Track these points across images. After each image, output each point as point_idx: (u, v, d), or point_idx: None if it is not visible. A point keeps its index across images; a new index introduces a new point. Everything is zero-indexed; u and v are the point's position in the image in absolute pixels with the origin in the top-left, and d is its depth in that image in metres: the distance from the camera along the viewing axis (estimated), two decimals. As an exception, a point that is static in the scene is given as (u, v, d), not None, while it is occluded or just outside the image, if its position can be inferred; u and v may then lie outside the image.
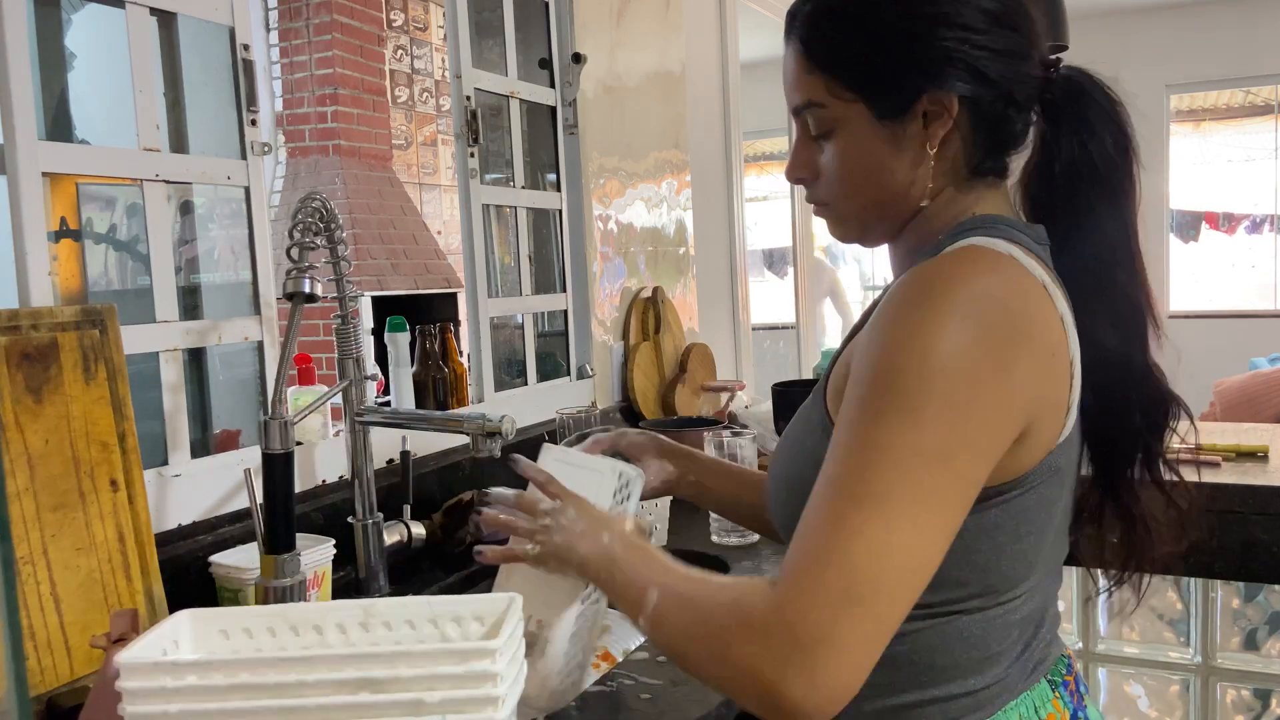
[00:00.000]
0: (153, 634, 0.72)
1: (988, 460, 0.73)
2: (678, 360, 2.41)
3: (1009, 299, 0.74)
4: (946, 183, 0.84)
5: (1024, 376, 0.73)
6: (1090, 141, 0.84)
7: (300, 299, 1.17)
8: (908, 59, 0.80)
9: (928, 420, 0.69)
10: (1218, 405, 4.11)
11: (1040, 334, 0.75)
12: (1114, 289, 0.83)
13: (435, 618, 0.79)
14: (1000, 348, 0.72)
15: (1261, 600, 1.82)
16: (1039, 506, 0.79)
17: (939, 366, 0.70)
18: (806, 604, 0.67)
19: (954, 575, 0.76)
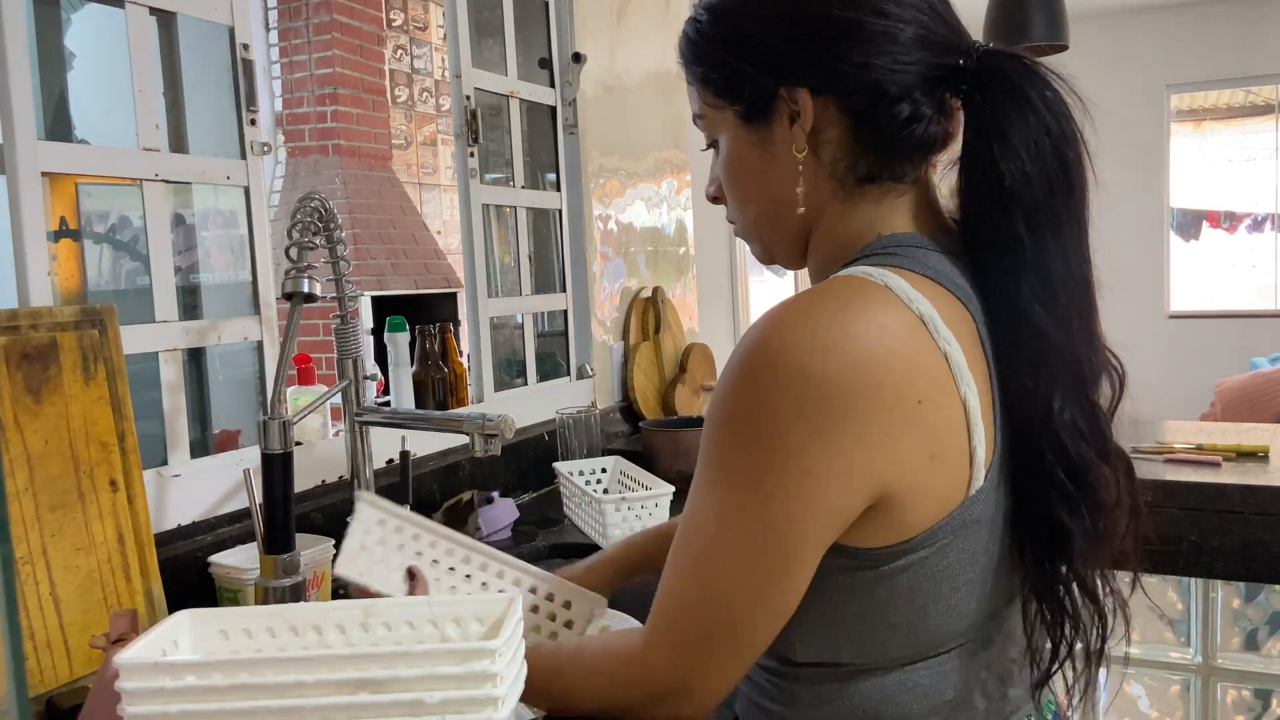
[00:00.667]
0: (152, 634, 0.72)
1: (796, 532, 0.68)
2: (678, 360, 2.41)
3: (852, 343, 0.66)
4: (831, 191, 0.78)
5: (861, 434, 0.66)
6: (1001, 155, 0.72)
7: (299, 299, 1.17)
8: (755, 56, 0.77)
9: (726, 491, 0.69)
10: (1218, 405, 4.11)
11: (896, 382, 0.67)
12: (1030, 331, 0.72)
13: (435, 618, 0.79)
14: (823, 408, 0.66)
15: (1261, 600, 1.82)
16: (962, 562, 0.72)
17: (740, 434, 0.68)
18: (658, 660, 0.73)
19: (876, 637, 0.73)
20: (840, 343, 0.67)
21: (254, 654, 0.75)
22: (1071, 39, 2.72)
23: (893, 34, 0.74)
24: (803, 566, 0.70)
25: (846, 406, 0.66)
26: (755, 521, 0.68)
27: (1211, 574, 1.71)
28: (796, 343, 0.67)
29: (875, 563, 0.71)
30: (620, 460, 1.79)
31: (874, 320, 0.68)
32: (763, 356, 0.68)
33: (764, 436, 0.67)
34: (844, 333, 0.67)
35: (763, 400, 0.67)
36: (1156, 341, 5.86)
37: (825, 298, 0.70)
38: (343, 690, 0.67)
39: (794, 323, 0.68)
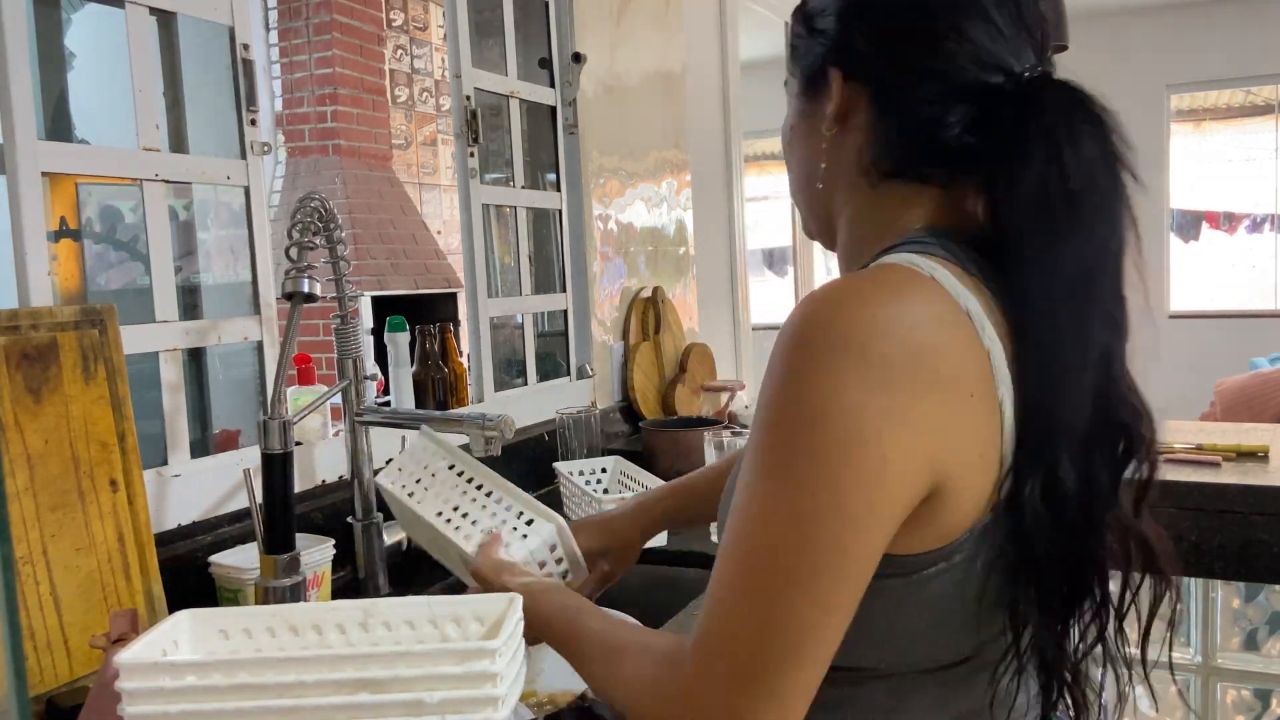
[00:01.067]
0: (152, 634, 0.72)
1: (872, 524, 0.64)
2: (678, 360, 2.41)
3: (911, 330, 0.64)
4: (858, 178, 0.78)
5: (925, 423, 0.64)
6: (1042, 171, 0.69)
7: (299, 299, 1.17)
8: (816, 30, 0.80)
9: (796, 485, 0.63)
10: (1218, 405, 4.11)
11: (952, 371, 0.65)
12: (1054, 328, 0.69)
13: (435, 618, 0.79)
14: (889, 391, 0.62)
15: (1261, 600, 1.82)
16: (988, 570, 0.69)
17: (809, 420, 0.63)
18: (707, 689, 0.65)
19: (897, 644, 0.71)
20: (899, 328, 0.64)
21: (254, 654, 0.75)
22: (1071, 39, 2.72)
23: (935, 37, 0.73)
24: (864, 566, 0.64)
25: (911, 390, 0.63)
26: (822, 508, 0.63)
27: (1211, 574, 1.71)
28: (855, 323, 0.64)
29: (909, 570, 0.68)
30: (620, 460, 1.79)
31: (929, 309, 0.66)
32: (822, 333, 0.64)
33: (831, 417, 0.62)
34: (901, 319, 0.64)
35: (826, 379, 0.63)
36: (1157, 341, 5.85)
37: (877, 283, 0.67)
38: (343, 690, 0.67)
39: (850, 304, 0.65)
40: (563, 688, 1.13)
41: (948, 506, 0.66)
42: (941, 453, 0.65)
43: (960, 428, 0.66)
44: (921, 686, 0.74)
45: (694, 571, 1.52)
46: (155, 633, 0.72)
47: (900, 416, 0.63)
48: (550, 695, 1.15)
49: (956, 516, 0.67)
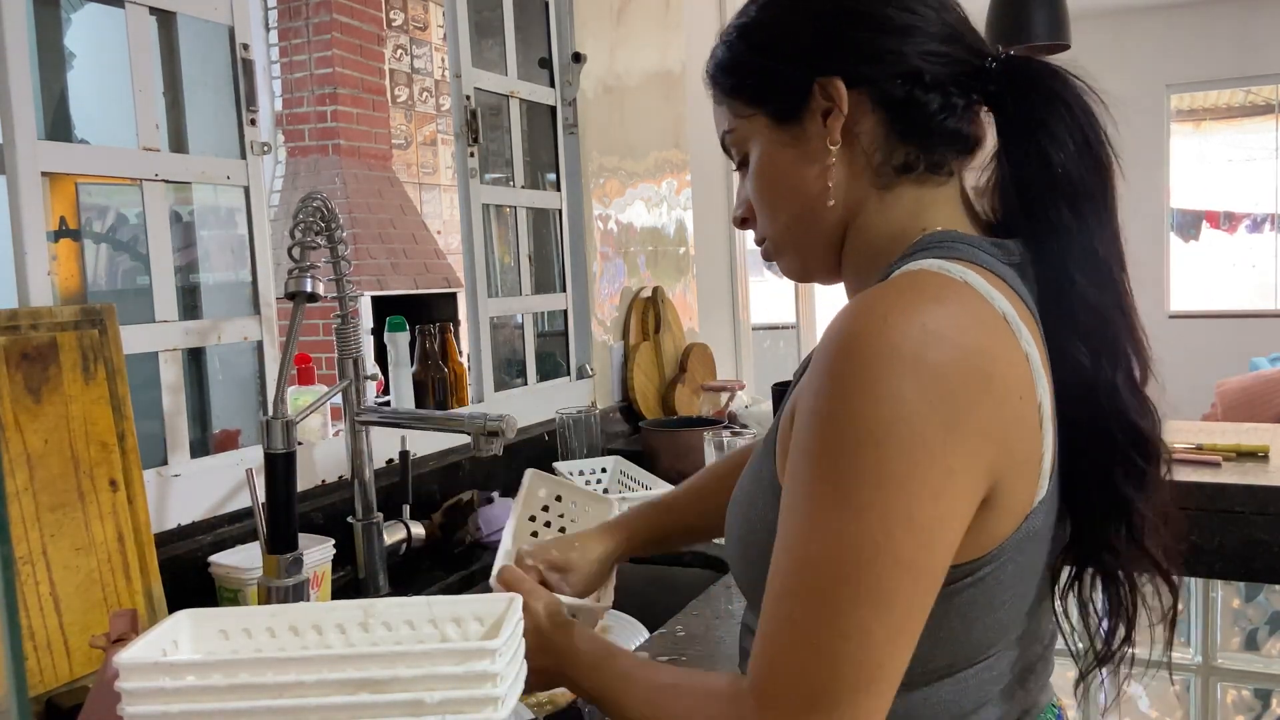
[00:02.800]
0: (152, 634, 0.72)
1: (944, 537, 0.63)
2: (678, 360, 2.41)
3: (960, 335, 0.63)
4: (868, 184, 0.77)
5: (984, 429, 0.63)
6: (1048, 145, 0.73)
7: (302, 298, 1.17)
8: (787, 55, 0.78)
9: (864, 505, 0.61)
10: (1219, 406, 4.11)
11: (1003, 374, 0.64)
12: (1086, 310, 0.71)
13: (435, 618, 0.79)
14: (950, 400, 0.61)
15: (1261, 600, 1.82)
16: (1017, 577, 0.70)
17: (871, 436, 0.61)
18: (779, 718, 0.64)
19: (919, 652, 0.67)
20: (949, 335, 0.63)
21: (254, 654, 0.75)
22: (1072, 39, 2.72)
23: (921, 27, 0.75)
24: (934, 580, 0.63)
25: (969, 398, 0.62)
26: (898, 530, 0.60)
27: (1211, 574, 1.71)
28: (906, 334, 0.62)
29: (950, 581, 0.66)
30: (620, 460, 1.79)
31: (972, 315, 0.65)
32: (872, 349, 0.62)
33: (895, 434, 0.60)
34: (950, 325, 0.63)
35: (884, 395, 0.61)
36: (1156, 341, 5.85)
37: (916, 291, 0.66)
38: (343, 690, 0.67)
39: (897, 314, 0.63)
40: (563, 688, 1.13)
41: (995, 513, 0.66)
42: (999, 457, 0.64)
43: (1013, 430, 0.65)
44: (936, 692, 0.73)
45: (694, 572, 1.52)
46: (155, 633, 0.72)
47: (961, 425, 0.62)
48: (550, 695, 1.15)
49: (1003, 521, 0.67)
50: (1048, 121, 0.73)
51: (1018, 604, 0.72)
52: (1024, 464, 0.66)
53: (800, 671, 0.62)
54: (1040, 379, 0.67)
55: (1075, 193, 0.73)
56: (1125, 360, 0.72)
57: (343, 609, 0.79)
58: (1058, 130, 0.73)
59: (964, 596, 0.68)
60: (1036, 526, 0.69)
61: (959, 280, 0.67)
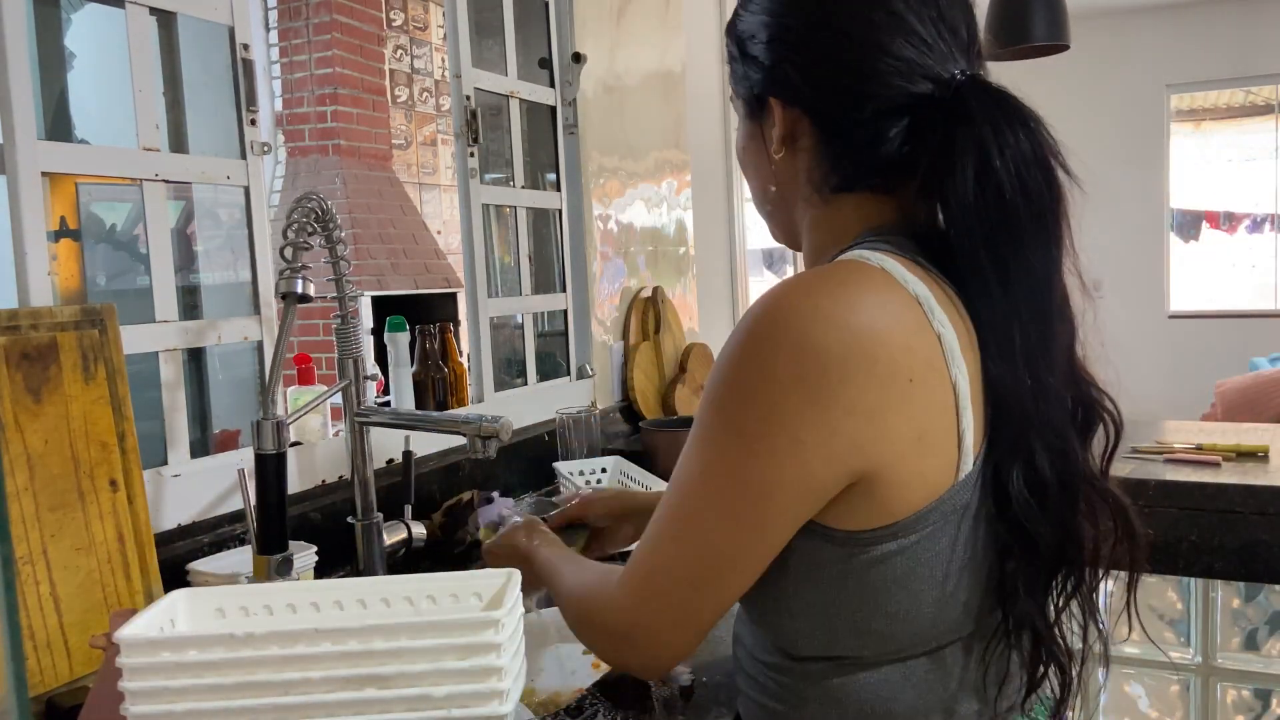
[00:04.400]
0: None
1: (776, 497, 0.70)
2: (678, 360, 2.41)
3: (851, 317, 0.68)
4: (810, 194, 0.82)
5: (851, 406, 0.67)
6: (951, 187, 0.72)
7: (293, 299, 1.17)
8: (751, 59, 0.83)
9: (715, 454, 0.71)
10: (1218, 406, 4.11)
11: (891, 356, 0.68)
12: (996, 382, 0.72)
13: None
14: (818, 376, 0.67)
15: (1261, 600, 1.82)
16: (956, 550, 0.72)
17: (738, 396, 0.70)
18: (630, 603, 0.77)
19: (875, 627, 0.73)
20: (839, 316, 0.68)
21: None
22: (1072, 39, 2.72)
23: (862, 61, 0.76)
24: (775, 535, 0.72)
25: (841, 377, 0.67)
26: (738, 483, 0.70)
27: (1211, 574, 1.71)
28: (797, 314, 0.69)
29: (866, 546, 0.71)
30: (621, 460, 1.79)
31: (873, 297, 0.70)
32: (764, 325, 0.70)
33: (759, 401, 0.69)
34: (844, 307, 0.69)
35: (761, 366, 0.69)
36: (1156, 341, 5.86)
37: (825, 276, 0.72)
38: (349, 686, 0.67)
39: (795, 296, 0.70)
40: (563, 687, 1.13)
41: (886, 485, 0.70)
42: (869, 436, 0.68)
43: (893, 412, 0.69)
44: (915, 671, 0.75)
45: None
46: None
47: (821, 401, 0.68)
48: (550, 695, 1.15)
49: (902, 494, 0.70)
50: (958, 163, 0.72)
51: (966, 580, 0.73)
52: (915, 442, 0.70)
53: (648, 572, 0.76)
54: (956, 359, 0.71)
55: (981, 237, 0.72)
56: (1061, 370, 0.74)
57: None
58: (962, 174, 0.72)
59: (897, 565, 0.71)
60: (965, 500, 0.72)
61: (875, 266, 0.72)
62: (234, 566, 1.15)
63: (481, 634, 0.68)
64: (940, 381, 0.70)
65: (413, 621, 0.69)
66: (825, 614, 0.74)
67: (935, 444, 0.70)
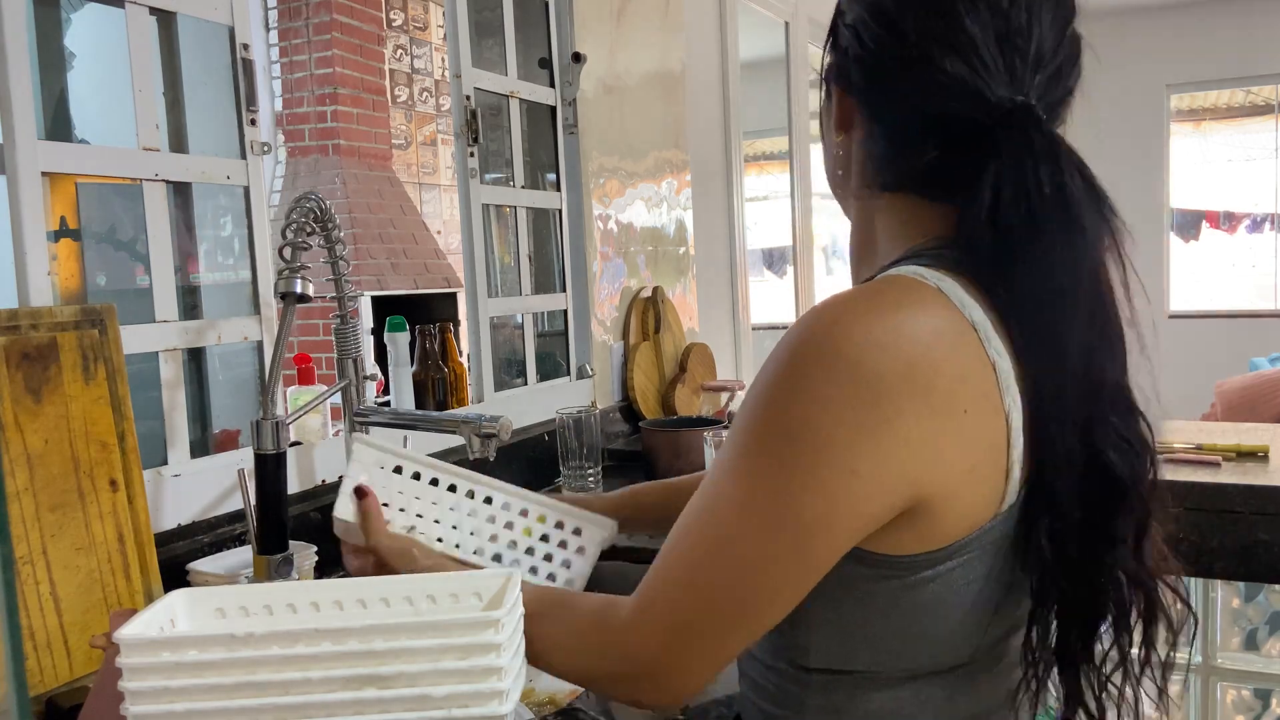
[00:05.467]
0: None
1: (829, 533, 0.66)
2: (678, 360, 2.41)
3: (907, 345, 0.65)
4: (864, 185, 0.80)
5: (905, 437, 0.65)
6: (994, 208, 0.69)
7: (292, 299, 1.17)
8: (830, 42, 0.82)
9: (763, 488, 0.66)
10: (1218, 406, 4.12)
11: (946, 387, 0.65)
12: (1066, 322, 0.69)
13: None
14: (872, 407, 0.64)
15: (1261, 600, 1.82)
16: (988, 577, 0.70)
17: (788, 429, 0.65)
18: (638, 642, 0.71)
19: (893, 647, 0.72)
20: (895, 343, 0.65)
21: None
22: (1071, 39, 2.72)
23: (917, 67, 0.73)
24: (822, 569, 0.68)
25: (897, 408, 0.64)
26: (787, 516, 0.66)
27: (1211, 574, 1.71)
28: (852, 337, 0.65)
29: (902, 572, 0.69)
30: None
31: (928, 323, 0.67)
32: (816, 347, 0.66)
33: (809, 430, 0.65)
34: (899, 333, 0.66)
35: (814, 391, 0.65)
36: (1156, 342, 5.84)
37: (881, 296, 0.68)
38: (349, 686, 0.67)
39: (850, 318, 0.66)
40: (563, 688, 1.13)
41: (936, 515, 0.67)
42: (922, 467, 0.65)
43: (947, 443, 0.66)
44: (923, 691, 0.74)
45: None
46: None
47: (877, 432, 0.64)
48: (550, 695, 1.15)
49: (949, 524, 0.68)
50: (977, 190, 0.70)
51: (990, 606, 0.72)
52: (968, 473, 0.67)
53: (670, 607, 0.70)
54: (1010, 390, 0.68)
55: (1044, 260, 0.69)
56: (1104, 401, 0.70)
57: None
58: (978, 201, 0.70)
59: (930, 591, 0.69)
60: (1008, 531, 0.69)
61: (932, 286, 0.68)
62: (234, 566, 1.15)
63: (481, 634, 0.68)
64: (994, 412, 0.67)
65: (413, 621, 0.69)
66: (844, 631, 0.72)
67: (985, 475, 0.68)
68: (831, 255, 5.78)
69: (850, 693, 0.74)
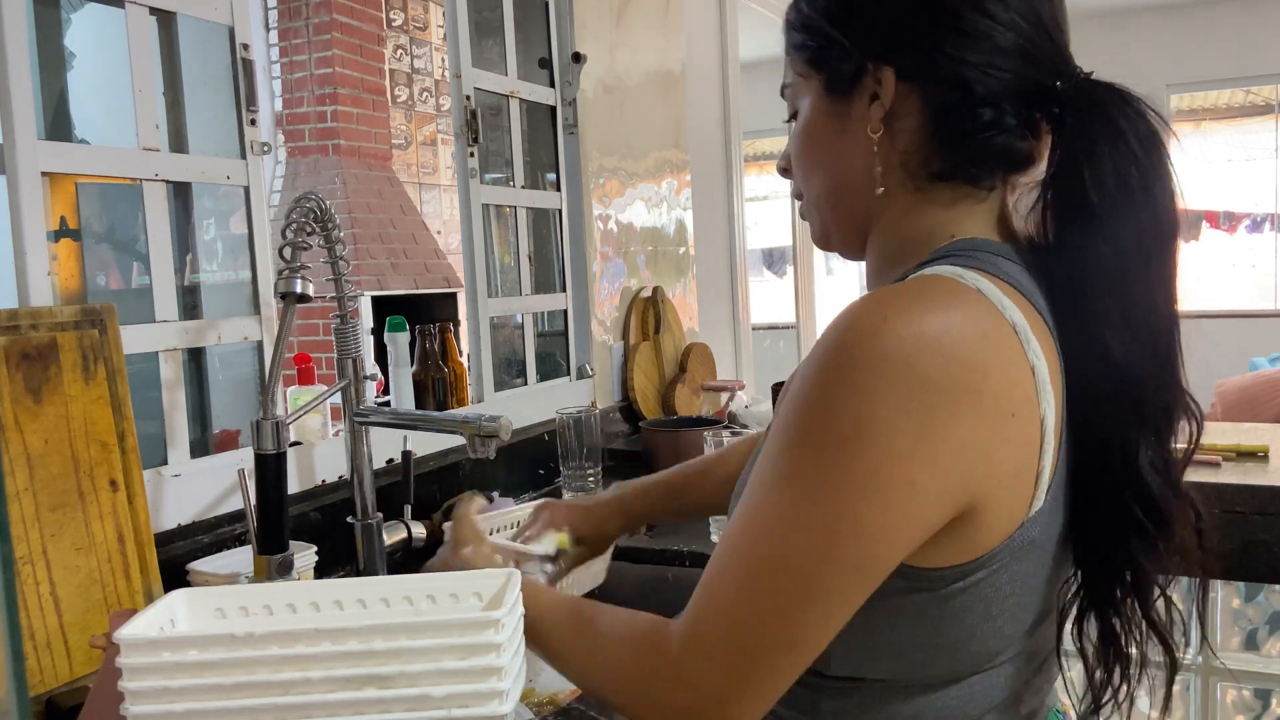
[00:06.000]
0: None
1: (889, 544, 0.64)
2: (678, 360, 2.41)
3: (956, 347, 0.63)
4: (901, 182, 0.76)
5: (960, 444, 0.62)
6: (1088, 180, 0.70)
7: (292, 299, 1.17)
8: (851, 28, 0.76)
9: (818, 499, 0.63)
10: (1218, 406, 4.11)
11: (996, 390, 0.64)
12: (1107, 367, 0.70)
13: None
14: (928, 412, 0.61)
15: (1261, 600, 1.82)
16: (1014, 583, 0.69)
17: (841, 436, 0.62)
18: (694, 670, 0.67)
19: (918, 656, 0.70)
20: (945, 345, 0.62)
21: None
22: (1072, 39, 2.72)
23: (994, 36, 0.71)
24: (874, 581, 0.65)
25: (951, 413, 0.62)
26: (844, 530, 0.62)
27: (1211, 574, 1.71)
28: (901, 339, 0.62)
29: (935, 584, 0.68)
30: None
31: (976, 325, 0.64)
32: (864, 347, 0.62)
33: (865, 435, 0.61)
34: (949, 335, 0.63)
35: (863, 394, 0.62)
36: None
37: (923, 297, 0.65)
38: (349, 686, 0.67)
39: (896, 318, 0.63)
40: (563, 687, 1.13)
41: (979, 524, 0.66)
42: (977, 473, 0.64)
43: (998, 447, 0.64)
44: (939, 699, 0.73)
45: (694, 571, 1.51)
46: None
47: (936, 438, 0.62)
48: (550, 695, 1.15)
49: (989, 532, 0.67)
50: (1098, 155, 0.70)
51: (1020, 614, 0.71)
52: (1013, 478, 0.66)
53: (731, 628, 0.66)
54: (1046, 393, 0.67)
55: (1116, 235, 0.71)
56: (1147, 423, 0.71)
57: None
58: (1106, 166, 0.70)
59: (958, 601, 0.68)
60: (1033, 537, 0.68)
61: (971, 288, 0.66)
62: (234, 566, 1.15)
63: (481, 634, 0.68)
64: (1033, 415, 0.66)
65: (412, 621, 0.69)
66: (868, 640, 0.70)
67: (1024, 480, 0.67)
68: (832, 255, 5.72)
69: (866, 700, 0.73)
